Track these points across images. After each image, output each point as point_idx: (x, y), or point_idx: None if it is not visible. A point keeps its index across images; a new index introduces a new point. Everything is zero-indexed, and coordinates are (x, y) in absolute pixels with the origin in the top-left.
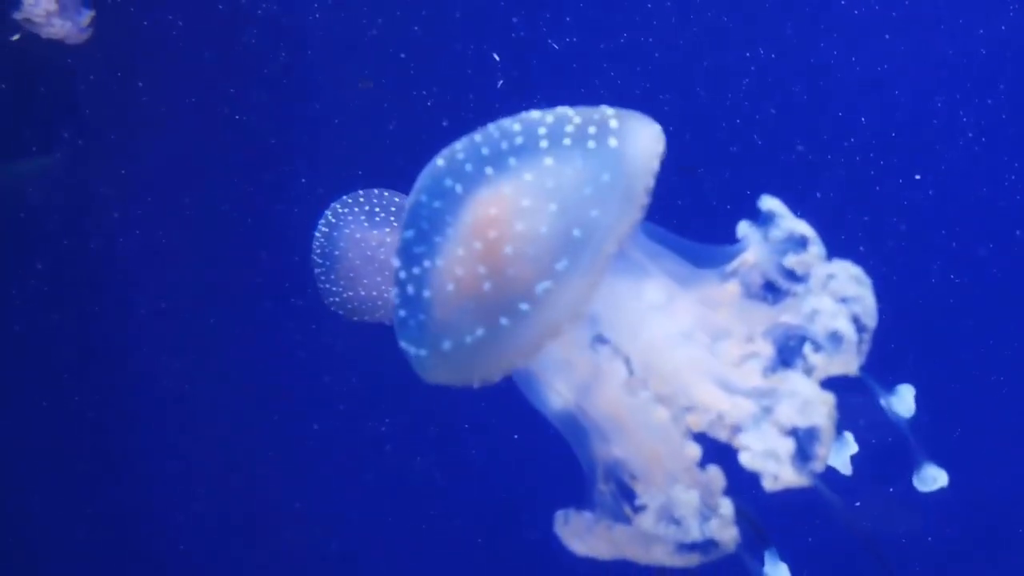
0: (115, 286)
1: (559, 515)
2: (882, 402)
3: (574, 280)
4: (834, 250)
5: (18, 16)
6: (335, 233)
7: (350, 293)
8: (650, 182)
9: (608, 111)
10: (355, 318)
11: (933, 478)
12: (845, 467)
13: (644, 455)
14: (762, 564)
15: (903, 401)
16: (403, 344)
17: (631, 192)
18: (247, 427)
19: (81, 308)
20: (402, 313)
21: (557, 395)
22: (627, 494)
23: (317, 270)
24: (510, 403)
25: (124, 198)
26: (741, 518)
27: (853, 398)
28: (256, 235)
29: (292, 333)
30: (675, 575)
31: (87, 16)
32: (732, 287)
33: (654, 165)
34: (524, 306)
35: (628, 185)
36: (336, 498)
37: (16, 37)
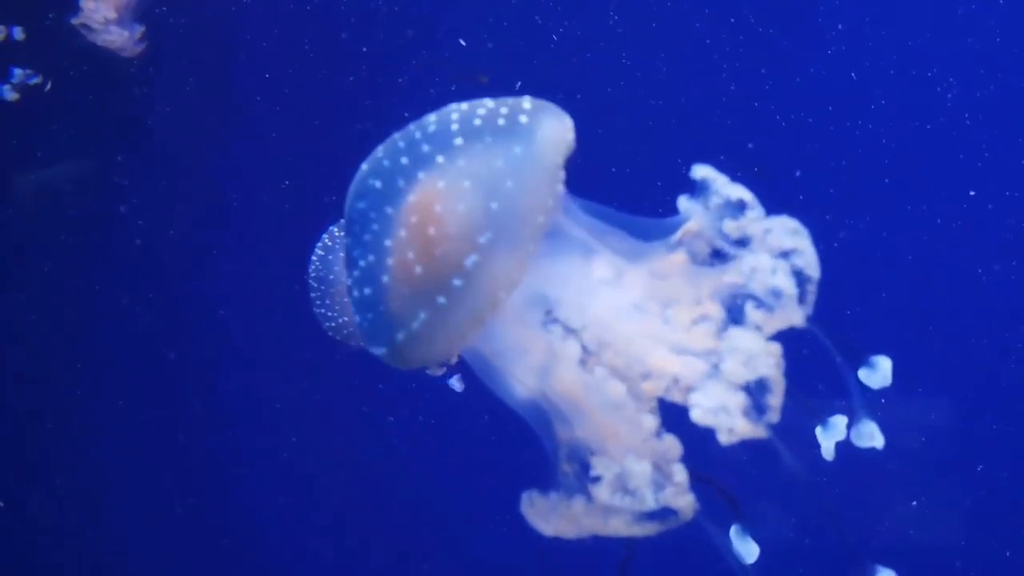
0: (149, 289)
1: (525, 497)
2: (859, 373)
3: (501, 251)
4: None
5: (75, 21)
6: (330, 257)
7: (345, 319)
8: (563, 152)
9: (525, 99)
10: (352, 343)
11: (870, 435)
12: (829, 452)
13: (603, 431)
14: (731, 541)
15: (880, 372)
16: (368, 346)
17: (544, 159)
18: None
19: (121, 308)
20: (358, 317)
21: (517, 382)
22: (589, 473)
23: (312, 294)
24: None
25: (151, 203)
26: (712, 488)
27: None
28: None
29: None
30: (646, 551)
31: (139, 30)
32: (679, 257)
33: (567, 136)
34: (457, 282)
35: (541, 153)
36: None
37: (48, 87)
